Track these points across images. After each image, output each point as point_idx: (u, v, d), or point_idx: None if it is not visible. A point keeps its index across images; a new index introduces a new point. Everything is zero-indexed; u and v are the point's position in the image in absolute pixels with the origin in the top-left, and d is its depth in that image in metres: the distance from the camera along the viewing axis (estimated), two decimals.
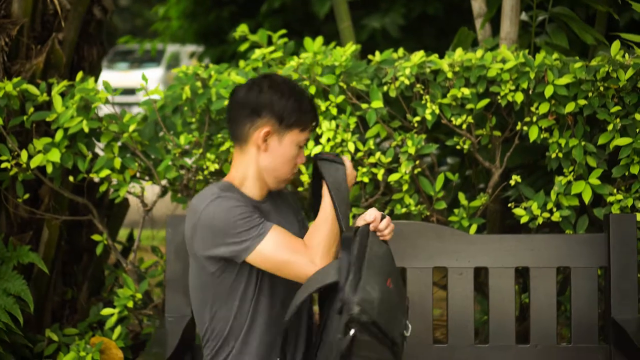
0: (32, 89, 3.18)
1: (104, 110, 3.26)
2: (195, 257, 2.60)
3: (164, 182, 3.28)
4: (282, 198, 2.75)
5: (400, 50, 3.36)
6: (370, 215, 2.57)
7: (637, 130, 3.09)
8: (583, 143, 3.13)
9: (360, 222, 2.57)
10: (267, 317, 2.62)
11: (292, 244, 2.53)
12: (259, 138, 2.57)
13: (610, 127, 3.09)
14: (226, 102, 3.11)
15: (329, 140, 3.12)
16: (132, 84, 3.33)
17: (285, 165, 2.61)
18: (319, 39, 3.37)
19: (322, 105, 3.17)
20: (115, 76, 12.54)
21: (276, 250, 2.50)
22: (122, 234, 4.23)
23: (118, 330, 3.23)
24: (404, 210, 3.18)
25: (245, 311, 2.60)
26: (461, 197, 3.24)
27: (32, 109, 3.18)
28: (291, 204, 2.79)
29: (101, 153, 3.29)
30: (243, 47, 3.67)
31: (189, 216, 2.60)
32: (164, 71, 14.20)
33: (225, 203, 2.52)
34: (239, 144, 2.62)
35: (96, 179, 3.53)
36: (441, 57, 3.27)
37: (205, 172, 3.19)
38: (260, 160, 2.59)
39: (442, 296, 4.50)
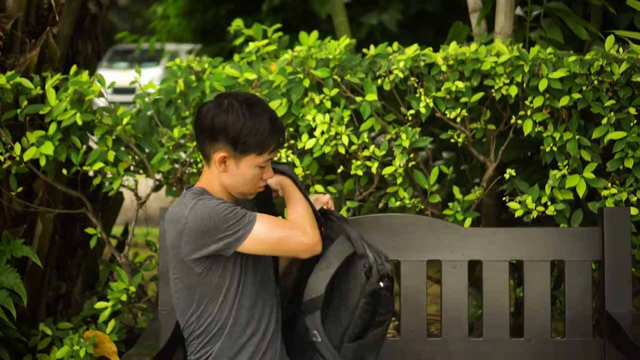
0: (26, 82, 3.18)
1: (101, 104, 3.25)
2: (180, 262, 2.62)
3: (158, 176, 3.28)
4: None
5: (395, 44, 3.36)
6: (324, 197, 2.81)
7: (631, 124, 3.09)
8: (577, 137, 3.12)
9: (318, 205, 2.78)
10: (250, 307, 2.65)
11: (281, 222, 2.62)
12: (217, 161, 2.59)
13: (604, 121, 3.09)
14: None
15: (322, 133, 3.12)
16: (130, 83, 3.33)
17: (246, 184, 2.63)
18: (314, 34, 3.38)
19: (316, 98, 3.17)
20: (114, 75, 12.52)
21: (270, 230, 2.57)
22: (117, 231, 4.22)
23: (112, 324, 3.23)
24: (398, 203, 3.18)
25: (230, 306, 2.63)
26: (456, 191, 3.24)
27: (25, 102, 3.18)
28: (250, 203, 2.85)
29: (95, 146, 3.29)
30: (238, 41, 3.67)
31: (170, 226, 2.62)
32: (163, 70, 14.22)
33: (209, 202, 2.56)
34: (205, 159, 2.66)
35: (90, 173, 3.53)
36: (436, 51, 3.26)
37: (200, 165, 3.19)
38: (222, 178, 2.63)
39: (437, 293, 4.50)
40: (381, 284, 2.61)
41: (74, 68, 3.25)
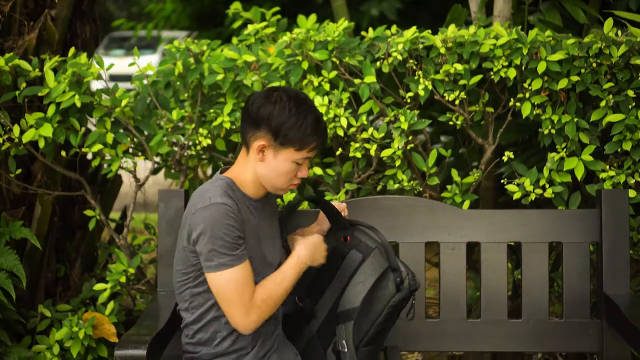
0: (25, 64, 3.18)
1: (98, 87, 3.25)
2: (182, 244, 2.64)
3: (156, 158, 3.28)
4: (274, 197, 2.82)
5: (394, 27, 3.36)
6: (341, 205, 2.89)
7: (630, 106, 3.10)
8: (576, 119, 3.13)
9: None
10: None
11: (245, 290, 2.56)
12: (256, 149, 2.61)
13: (602, 103, 3.10)
14: (219, 77, 3.12)
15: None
16: (128, 70, 3.32)
17: (279, 177, 2.64)
18: (312, 17, 3.37)
19: (315, 80, 3.17)
20: (110, 62, 12.48)
21: (228, 286, 2.54)
22: (114, 217, 4.22)
23: (111, 305, 3.23)
24: (396, 186, 3.18)
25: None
26: (454, 173, 3.24)
27: (24, 84, 3.17)
28: (276, 205, 2.86)
29: (94, 129, 3.28)
30: (236, 24, 3.67)
31: (188, 206, 2.65)
32: (160, 57, 14.21)
33: (215, 215, 2.53)
34: (244, 146, 2.67)
35: (89, 156, 3.53)
36: (434, 34, 3.26)
37: (198, 148, 3.19)
38: (257, 168, 2.64)
39: (436, 277, 4.51)
40: (413, 301, 2.73)
41: (72, 50, 3.25)
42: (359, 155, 3.18)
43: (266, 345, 2.68)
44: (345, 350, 2.68)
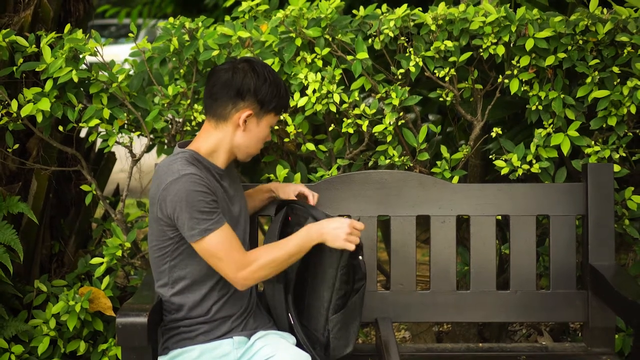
0: (21, 40, 3.20)
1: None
2: (156, 219, 2.70)
3: (151, 135, 3.31)
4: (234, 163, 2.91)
5: (384, 6, 3.41)
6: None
7: (615, 82, 3.18)
8: (562, 96, 3.21)
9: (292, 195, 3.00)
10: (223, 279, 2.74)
11: (232, 248, 2.65)
12: (240, 119, 2.72)
13: (588, 80, 3.18)
14: (214, 53, 3.16)
15: (314, 91, 3.17)
16: (109, 58, 3.34)
17: (258, 143, 2.79)
18: None
19: (308, 57, 3.22)
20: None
21: (216, 247, 2.64)
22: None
23: (107, 280, 3.27)
24: (387, 161, 3.24)
25: (203, 274, 2.72)
26: (443, 149, 3.31)
27: (21, 60, 3.20)
28: (235, 170, 2.97)
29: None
30: (228, 3, 3.70)
31: (155, 181, 2.71)
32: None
33: (187, 186, 2.62)
34: (215, 120, 2.75)
35: (82, 134, 3.55)
36: (425, 12, 3.32)
37: (193, 123, 3.23)
38: (235, 138, 2.75)
39: (425, 260, 4.56)
40: (360, 257, 2.77)
41: (68, 27, 3.27)
42: (351, 131, 3.24)
43: (242, 307, 2.79)
44: (293, 322, 2.79)
